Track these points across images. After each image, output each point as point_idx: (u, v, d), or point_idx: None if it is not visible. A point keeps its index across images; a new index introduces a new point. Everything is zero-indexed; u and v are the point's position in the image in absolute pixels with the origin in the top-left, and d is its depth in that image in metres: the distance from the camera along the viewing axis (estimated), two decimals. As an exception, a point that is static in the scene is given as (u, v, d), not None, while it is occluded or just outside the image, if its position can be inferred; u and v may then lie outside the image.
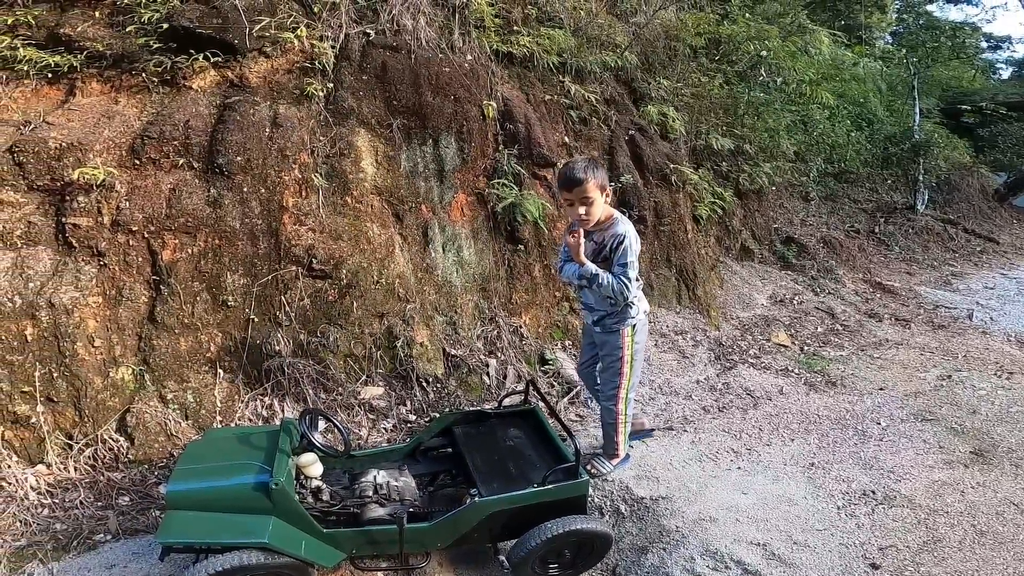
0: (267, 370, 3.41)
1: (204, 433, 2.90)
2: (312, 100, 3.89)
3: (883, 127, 11.18)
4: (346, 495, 2.61)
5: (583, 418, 3.95)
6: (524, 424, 3.02)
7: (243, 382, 3.40)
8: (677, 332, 4.93)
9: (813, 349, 5.55)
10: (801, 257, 7.54)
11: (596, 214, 2.86)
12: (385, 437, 3.44)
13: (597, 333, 3.14)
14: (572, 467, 2.57)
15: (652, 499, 3.11)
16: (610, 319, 3.04)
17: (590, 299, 3.09)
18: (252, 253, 3.51)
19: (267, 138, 3.66)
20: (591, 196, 2.80)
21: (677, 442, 3.70)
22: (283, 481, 2.23)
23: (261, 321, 3.48)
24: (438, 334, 3.89)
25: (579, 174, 2.79)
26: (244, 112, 3.65)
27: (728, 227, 7.10)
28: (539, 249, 4.54)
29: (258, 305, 3.47)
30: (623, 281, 2.86)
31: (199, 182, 3.49)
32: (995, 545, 2.84)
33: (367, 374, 3.64)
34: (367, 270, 3.73)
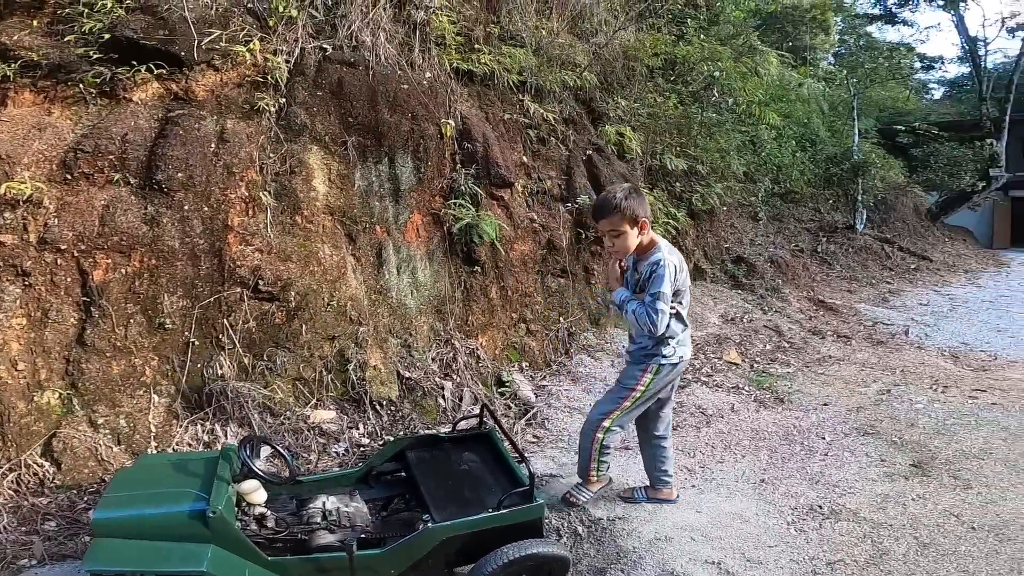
0: (208, 394, 3.25)
1: (137, 459, 2.72)
2: (263, 115, 3.77)
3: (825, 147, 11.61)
4: (293, 522, 2.48)
5: (539, 439, 3.91)
6: (479, 448, 2.94)
7: (182, 406, 3.23)
8: (632, 351, 4.97)
9: (762, 366, 5.68)
10: (750, 276, 7.73)
11: (625, 248, 2.71)
12: (336, 461, 3.32)
13: (626, 362, 3.00)
14: (527, 491, 2.51)
15: (609, 520, 3.08)
16: (641, 352, 2.88)
17: (632, 329, 2.93)
18: (193, 274, 3.35)
19: (212, 154, 3.51)
20: (619, 229, 2.65)
21: (634, 462, 3.68)
22: (221, 508, 2.11)
23: (202, 344, 3.31)
24: (392, 357, 3.79)
25: (606, 206, 2.65)
26: (188, 126, 3.50)
27: (682, 247, 7.23)
28: (496, 270, 4.51)
29: (199, 328, 3.31)
30: (651, 312, 2.64)
31: (135, 199, 3.30)
32: (938, 557, 2.90)
33: (317, 398, 3.51)
34: (317, 292, 3.61)
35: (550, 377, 4.51)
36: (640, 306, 2.69)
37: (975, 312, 8.35)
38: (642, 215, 2.67)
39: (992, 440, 4.03)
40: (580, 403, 4.26)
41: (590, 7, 7.07)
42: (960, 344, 6.70)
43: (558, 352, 4.68)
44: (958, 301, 8.96)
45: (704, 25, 9.53)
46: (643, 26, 8.17)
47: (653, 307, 2.64)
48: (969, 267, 11.63)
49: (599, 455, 3.03)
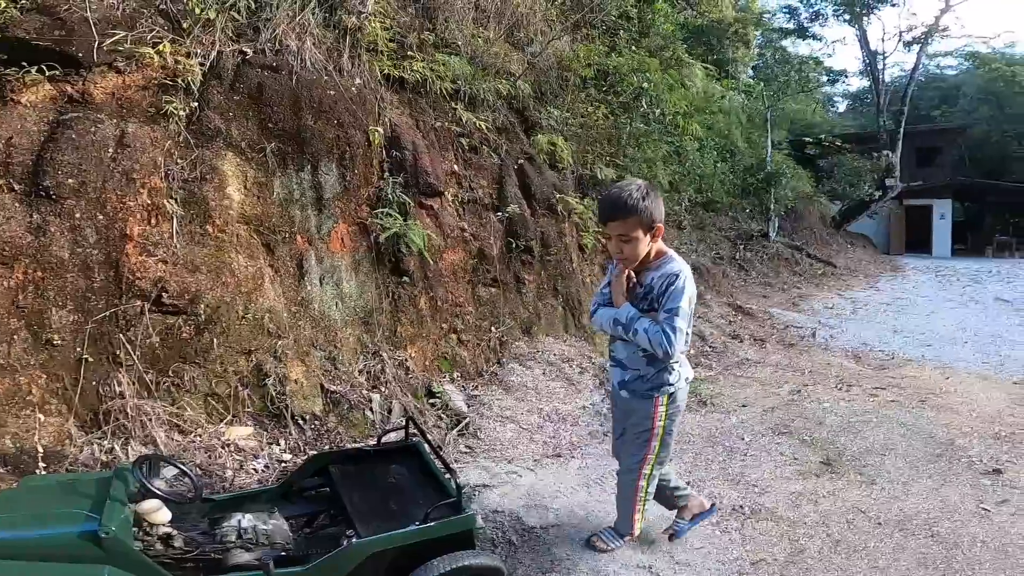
0: (107, 413, 2.95)
1: (20, 481, 2.44)
2: (171, 120, 3.48)
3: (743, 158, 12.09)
4: (205, 541, 2.28)
5: (472, 449, 3.79)
6: (407, 461, 2.79)
7: (76, 426, 2.92)
8: (564, 360, 4.93)
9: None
10: (675, 282, 7.88)
11: (635, 256, 2.31)
12: (255, 479, 3.07)
13: (623, 398, 2.54)
14: (455, 502, 2.39)
15: (543, 528, 3.01)
16: (641, 383, 2.44)
17: (621, 353, 2.49)
18: (85, 287, 3.03)
19: (109, 159, 3.19)
20: (631, 235, 2.25)
21: (565, 468, 3.64)
22: (115, 529, 1.95)
23: (97, 361, 2.99)
24: (315, 370, 3.57)
25: (620, 207, 2.23)
26: (82, 130, 3.17)
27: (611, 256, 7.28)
28: (425, 280, 4.36)
29: (93, 344, 2.99)
30: (667, 331, 2.24)
31: (19, 206, 2.95)
32: (849, 553, 2.97)
33: (233, 414, 3.25)
34: (231, 304, 3.35)
35: (482, 387, 4.41)
36: (653, 325, 2.28)
37: (874, 314, 8.90)
38: (658, 219, 2.28)
39: (892, 436, 4.24)
40: (513, 412, 4.18)
41: (526, 16, 7.05)
42: (861, 345, 7.09)
43: (490, 361, 4.58)
44: (859, 304, 9.53)
45: (635, 37, 9.71)
46: (578, 36, 8.23)
47: (671, 325, 2.24)
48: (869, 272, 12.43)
49: (644, 504, 2.69)
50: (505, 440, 3.92)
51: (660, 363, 2.41)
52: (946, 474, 3.69)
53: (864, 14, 15.47)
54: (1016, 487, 3.51)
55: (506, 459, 3.68)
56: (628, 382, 2.49)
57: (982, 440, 4.20)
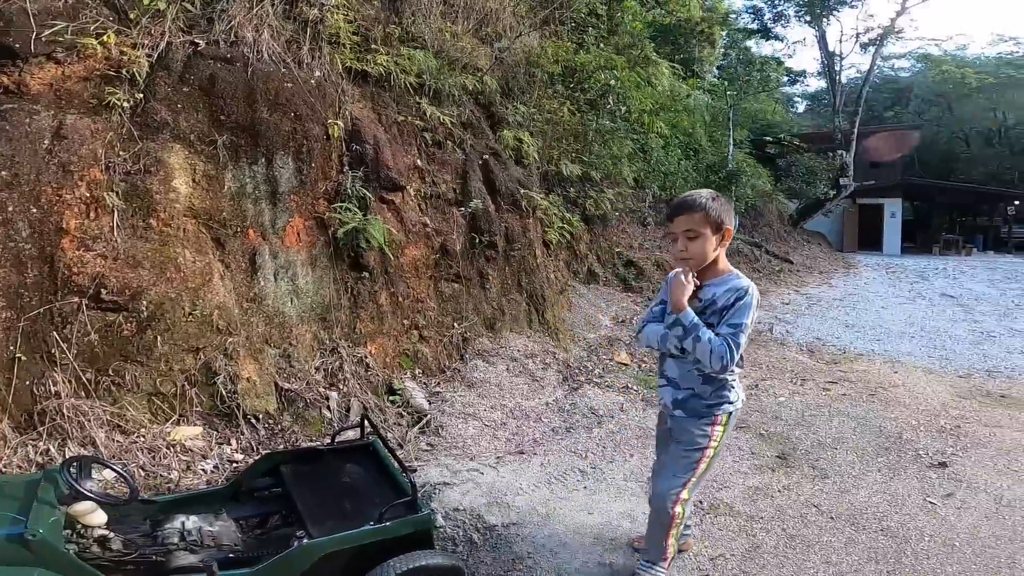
0: (41, 413, 2.75)
1: None
2: (113, 111, 3.25)
3: (706, 156, 12.16)
4: (145, 543, 2.16)
5: (433, 447, 3.67)
6: (362, 460, 2.68)
7: (10, 427, 2.70)
8: (527, 356, 4.84)
9: (649, 366, 5.76)
10: (639, 279, 7.89)
11: (701, 256, 2.15)
12: (203, 479, 2.91)
13: (677, 419, 2.34)
14: (410, 501, 2.30)
15: (504, 526, 2.91)
16: (697, 401, 2.28)
17: (674, 372, 2.31)
18: (18, 282, 2.81)
19: (45, 151, 2.98)
20: (698, 230, 2.12)
21: (528, 465, 3.56)
22: (42, 532, 1.84)
23: (30, 360, 2.79)
24: (268, 368, 3.40)
25: (689, 203, 2.15)
26: (16, 121, 2.95)
27: (576, 251, 7.23)
28: (385, 276, 4.21)
29: (26, 342, 2.77)
30: (730, 346, 2.09)
31: None
32: (804, 548, 2.95)
33: (180, 413, 3.07)
34: (176, 301, 3.15)
35: (444, 383, 4.29)
36: (714, 337, 2.12)
37: (828, 309, 9.05)
38: (727, 223, 2.17)
39: (843, 430, 4.27)
40: (475, 408, 4.07)
41: (495, 12, 6.90)
42: (815, 339, 7.19)
43: (452, 358, 4.46)
44: (814, 300, 9.69)
45: (604, 35, 9.64)
46: (546, 33, 8.11)
47: (735, 341, 2.10)
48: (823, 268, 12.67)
49: (678, 530, 2.46)
50: (467, 437, 3.81)
51: (717, 381, 2.25)
52: (895, 467, 3.73)
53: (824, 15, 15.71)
54: (960, 480, 3.56)
55: (468, 456, 3.58)
56: (683, 401, 2.30)
57: (928, 433, 4.26)
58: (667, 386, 2.36)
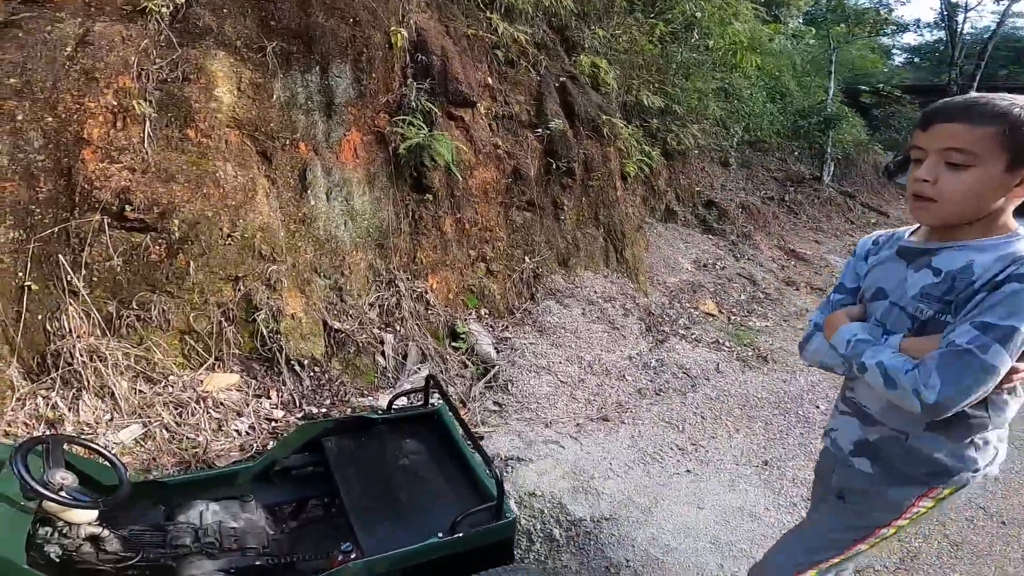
0: (55, 355, 2.25)
1: None
2: (150, 18, 2.63)
3: (794, 101, 10.84)
4: (151, 541, 1.61)
5: (502, 407, 3.02)
6: (425, 434, 2.05)
7: (19, 372, 2.22)
8: (606, 298, 4.07)
9: (740, 319, 4.91)
10: (722, 221, 6.91)
11: (961, 202, 1.11)
12: (236, 443, 2.37)
13: (860, 473, 1.35)
14: (495, 505, 1.65)
15: (594, 521, 2.26)
16: (909, 457, 1.27)
17: (863, 396, 1.34)
18: (27, 198, 2.26)
19: (65, 58, 2.41)
20: (974, 151, 1.07)
21: (615, 437, 2.86)
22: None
23: (42, 289, 2.26)
24: (316, 303, 2.80)
25: (970, 105, 1.09)
26: (33, 28, 2.40)
27: (654, 187, 6.32)
28: (451, 200, 3.49)
29: (37, 267, 2.25)
30: (973, 364, 1.06)
31: None
32: (972, 558, 2.23)
33: (215, 357, 2.53)
34: (213, 221, 2.55)
35: (513, 327, 3.60)
36: (935, 354, 1.10)
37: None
38: None
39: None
40: (548, 360, 3.38)
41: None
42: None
43: (522, 297, 3.74)
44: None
45: (685, -37, 8.36)
46: (629, -45, 7.01)
47: (988, 358, 1.05)
48: (920, 222, 11.09)
49: None
50: (541, 396, 3.14)
51: (960, 428, 1.20)
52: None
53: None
54: None
55: (543, 422, 2.91)
56: (875, 447, 1.31)
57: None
58: (850, 416, 1.36)
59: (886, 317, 1.22)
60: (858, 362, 1.19)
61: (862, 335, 1.21)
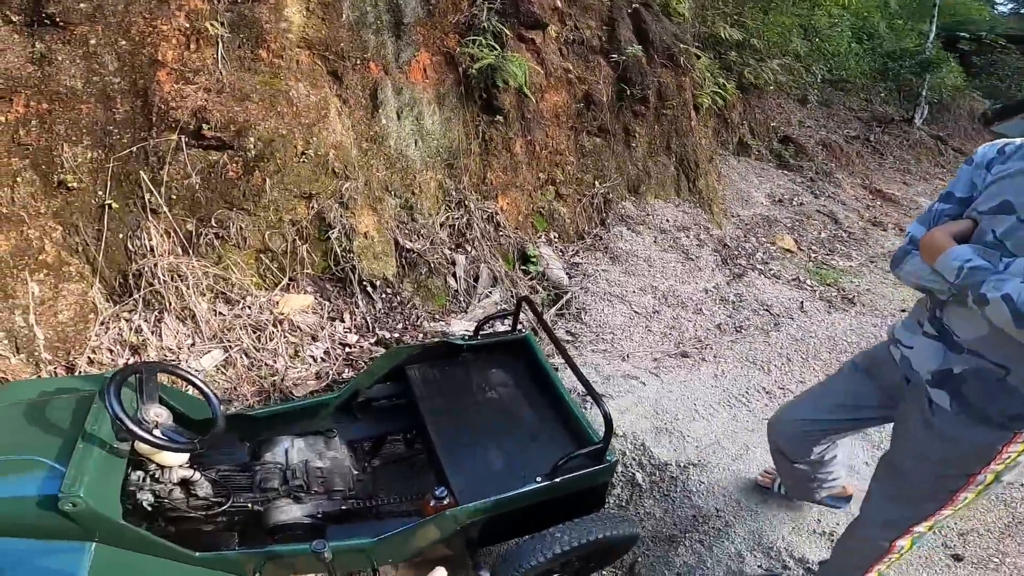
0: (136, 275, 2.24)
1: (6, 387, 1.66)
2: None
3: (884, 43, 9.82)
4: (240, 483, 1.54)
5: (576, 337, 2.86)
6: (511, 361, 1.89)
7: (101, 294, 2.22)
8: (678, 227, 3.78)
9: (820, 257, 4.49)
10: (799, 158, 6.33)
11: None
12: (312, 370, 2.32)
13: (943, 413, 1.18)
14: (599, 449, 1.50)
15: (680, 466, 2.07)
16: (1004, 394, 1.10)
17: (955, 319, 1.15)
18: (105, 119, 2.21)
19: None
20: None
21: (697, 375, 2.62)
22: (83, 497, 1.13)
23: (122, 208, 2.23)
24: (388, 221, 2.69)
25: None
26: None
27: (727, 120, 5.83)
28: (522, 122, 3.27)
29: (117, 186, 2.21)
30: None
31: (18, 37, 2.13)
32: None
33: (290, 276, 2.49)
34: (287, 139, 2.46)
35: (584, 252, 3.39)
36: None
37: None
38: None
39: None
40: (622, 288, 3.18)
41: None
42: None
43: (592, 222, 3.51)
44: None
45: None
46: None
47: None
48: (1021, 168, 9.84)
49: (889, 567, 1.46)
50: (615, 326, 2.96)
51: None
52: None
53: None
54: None
55: (619, 355, 2.72)
56: (958, 381, 1.13)
57: None
58: (934, 340, 1.17)
59: (1009, 236, 1.02)
60: (976, 293, 1.01)
61: (977, 260, 1.03)
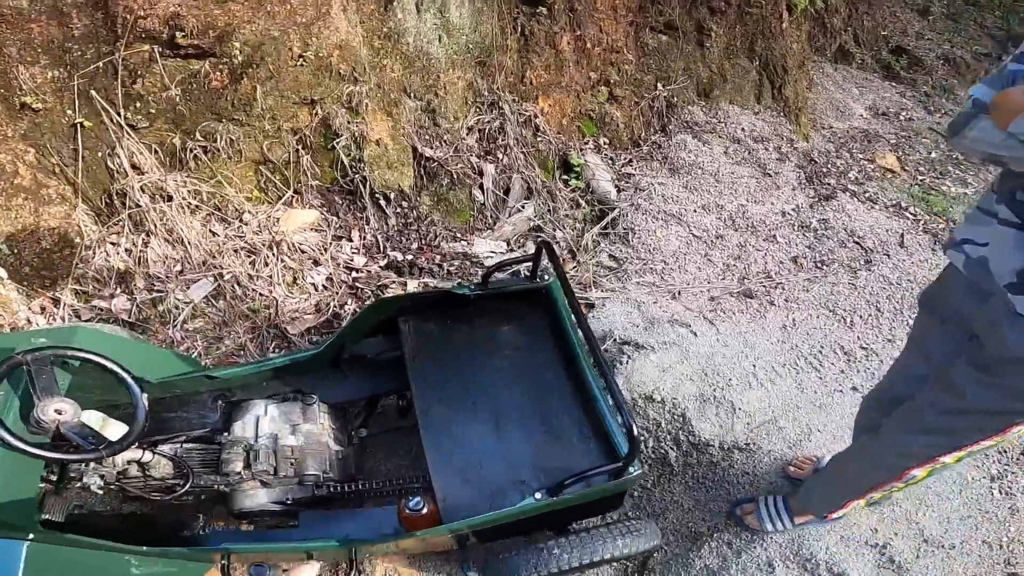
0: (120, 193, 1.97)
1: None
2: None
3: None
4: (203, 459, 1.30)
5: (619, 265, 2.37)
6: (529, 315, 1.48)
7: (88, 214, 1.97)
8: (755, 138, 3.10)
9: (929, 181, 3.65)
10: (912, 70, 5.22)
11: None
12: (312, 301, 1.99)
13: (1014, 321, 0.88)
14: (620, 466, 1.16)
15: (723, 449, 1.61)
16: None
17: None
18: (62, 36, 1.87)
19: None
20: None
21: (760, 323, 2.08)
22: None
23: (97, 126, 1.93)
24: (405, 126, 2.26)
25: None
26: None
27: (826, 25, 4.83)
28: (570, 15, 2.65)
29: (87, 104, 1.90)
30: None
31: None
32: None
33: (294, 189, 2.15)
34: (280, 41, 2.02)
35: (638, 162, 2.82)
36: None
37: None
38: None
39: None
40: (681, 206, 2.62)
41: None
42: None
43: (651, 128, 2.90)
44: None
45: None
46: None
47: None
48: None
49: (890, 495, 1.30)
50: (668, 253, 2.43)
51: None
52: None
53: None
54: None
55: (669, 289, 2.20)
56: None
57: None
58: (1015, 229, 0.88)
59: None
60: None
61: None
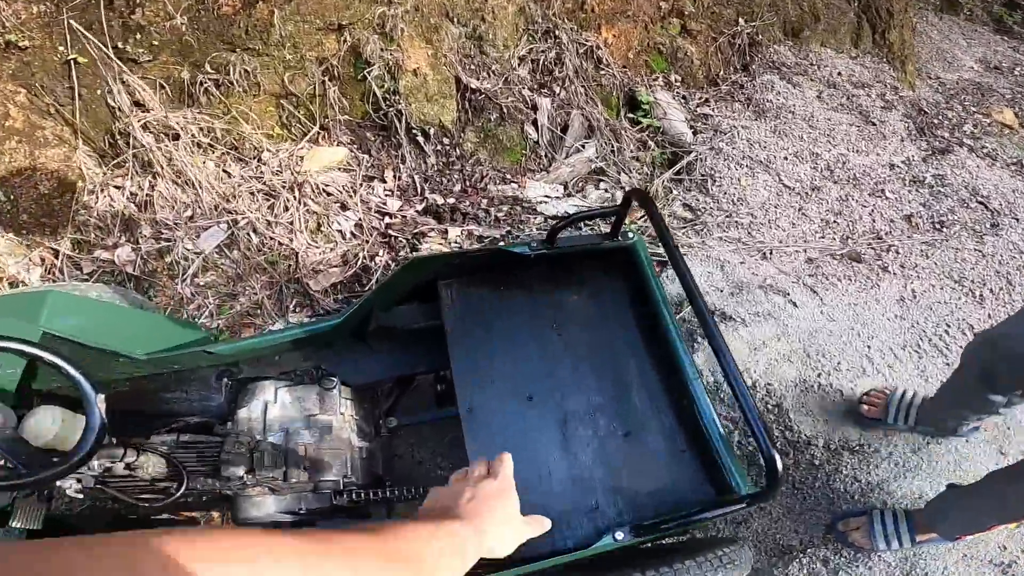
0: (122, 133, 1.69)
1: None
2: None
3: None
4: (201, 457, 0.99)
5: (697, 216, 1.96)
6: (607, 283, 1.12)
7: (90, 155, 1.72)
8: (854, 84, 2.60)
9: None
10: (1028, 25, 4.54)
11: None
12: (338, 252, 1.67)
13: None
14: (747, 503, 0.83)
15: (829, 449, 1.30)
16: None
17: None
18: None
19: None
20: None
21: (873, 294, 1.66)
22: None
23: (92, 62, 1.67)
24: (447, 55, 1.91)
25: None
26: None
27: (930, -27, 4.21)
28: (633, -71, 2.27)
29: (79, 39, 1.64)
30: None
31: None
32: None
33: (321, 124, 1.84)
34: (299, -49, 1.75)
35: (716, 102, 2.38)
36: None
37: None
38: None
39: None
40: (769, 153, 2.18)
41: None
42: None
43: (731, 66, 2.46)
44: None
45: None
46: None
47: None
48: None
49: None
50: (756, 205, 2.01)
51: None
52: None
53: None
54: None
55: (758, 248, 1.79)
56: None
57: None
58: None
59: None
60: None
61: None
